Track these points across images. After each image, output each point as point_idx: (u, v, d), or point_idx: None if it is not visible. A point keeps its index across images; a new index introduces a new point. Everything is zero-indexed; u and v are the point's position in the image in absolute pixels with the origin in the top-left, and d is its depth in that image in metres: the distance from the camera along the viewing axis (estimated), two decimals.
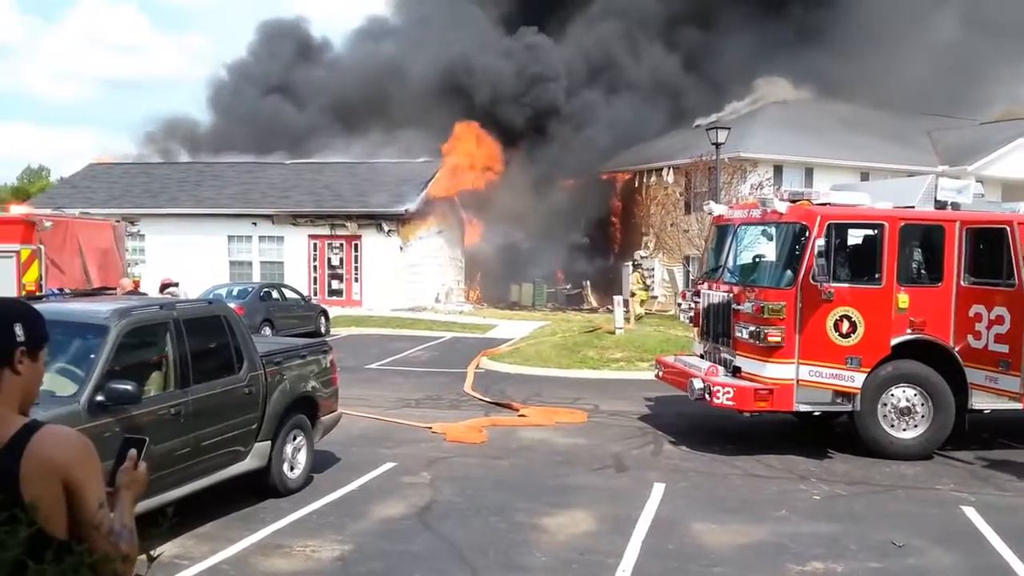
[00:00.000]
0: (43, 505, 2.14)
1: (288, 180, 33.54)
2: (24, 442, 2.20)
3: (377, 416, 12.45)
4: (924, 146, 36.41)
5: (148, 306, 7.60)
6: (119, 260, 16.82)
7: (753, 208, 11.24)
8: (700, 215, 27.38)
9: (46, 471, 2.17)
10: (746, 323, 10.36)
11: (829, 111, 38.46)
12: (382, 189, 31.77)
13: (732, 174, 29.99)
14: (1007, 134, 34.56)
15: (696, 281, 13.47)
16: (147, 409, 6.80)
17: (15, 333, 2.27)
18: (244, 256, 31.39)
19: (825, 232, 9.99)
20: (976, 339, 10.13)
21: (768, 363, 10.14)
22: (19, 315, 2.32)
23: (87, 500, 2.21)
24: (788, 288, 10.09)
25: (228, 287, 23.50)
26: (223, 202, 32.05)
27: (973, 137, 36.07)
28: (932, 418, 10.21)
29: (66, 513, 2.21)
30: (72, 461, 2.22)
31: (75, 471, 2.21)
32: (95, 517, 2.22)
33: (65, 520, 2.21)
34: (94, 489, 2.24)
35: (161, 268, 27.90)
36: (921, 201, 10.89)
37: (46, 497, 2.16)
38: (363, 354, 19.75)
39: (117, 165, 37.72)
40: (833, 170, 31.49)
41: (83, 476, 2.22)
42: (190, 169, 36.20)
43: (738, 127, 30.71)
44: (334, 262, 31.07)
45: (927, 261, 10.69)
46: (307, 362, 9.17)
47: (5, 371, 2.26)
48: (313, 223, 30.96)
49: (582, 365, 17.67)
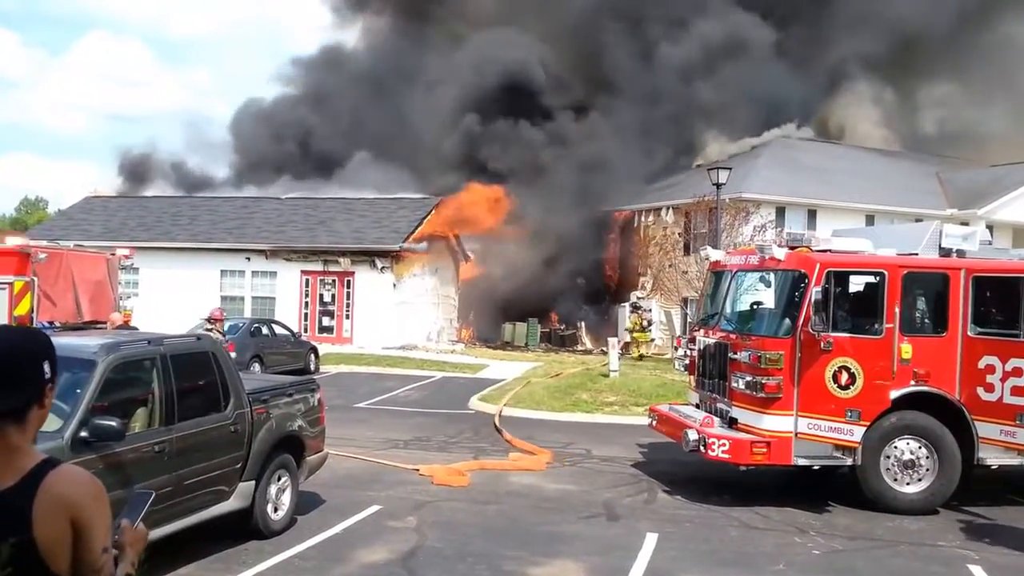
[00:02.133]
0: (51, 542, 2.25)
1: (283, 215, 33.77)
2: (40, 478, 2.30)
3: (364, 457, 12.45)
4: (932, 188, 36.50)
5: (136, 341, 7.66)
6: (111, 293, 16.89)
7: (751, 254, 11.33)
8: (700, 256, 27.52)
9: (58, 508, 2.27)
10: (743, 373, 10.39)
11: (833, 151, 38.76)
12: (378, 225, 31.97)
13: (734, 215, 30.17)
14: (1018, 176, 34.58)
15: (692, 328, 13.53)
16: (131, 446, 6.83)
17: (44, 371, 2.38)
18: (236, 291, 31.49)
19: (824, 280, 10.06)
20: (988, 391, 10.12)
21: (765, 415, 10.15)
22: (46, 351, 2.41)
23: (93, 542, 2.30)
24: (786, 337, 10.13)
25: None
26: (217, 236, 32.27)
27: (983, 179, 36.12)
28: (937, 472, 10.17)
29: (70, 553, 2.29)
30: (84, 502, 2.31)
31: (86, 512, 2.30)
32: (98, 561, 2.31)
33: (69, 559, 2.29)
34: (101, 532, 2.33)
35: (154, 302, 28.05)
36: (925, 248, 10.94)
37: (55, 534, 2.26)
38: (352, 393, 19.76)
39: (114, 198, 38.05)
40: (838, 212, 31.61)
41: (93, 518, 2.31)
42: (185, 203, 36.48)
43: (740, 167, 30.97)
44: (326, 298, 31.15)
45: (931, 310, 10.76)
46: (294, 400, 9.21)
47: (34, 407, 2.36)
48: (306, 259, 31.12)
49: (575, 408, 17.67)
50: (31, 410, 2.35)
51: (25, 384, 2.34)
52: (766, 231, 28.37)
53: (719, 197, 24.52)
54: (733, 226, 29.79)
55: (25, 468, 2.31)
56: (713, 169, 23.90)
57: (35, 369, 2.36)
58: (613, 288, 38.06)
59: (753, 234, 28.16)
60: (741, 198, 30.70)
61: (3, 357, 2.34)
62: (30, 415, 2.36)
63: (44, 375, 2.37)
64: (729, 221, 29.41)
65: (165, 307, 27.28)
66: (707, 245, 15.59)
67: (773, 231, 28.29)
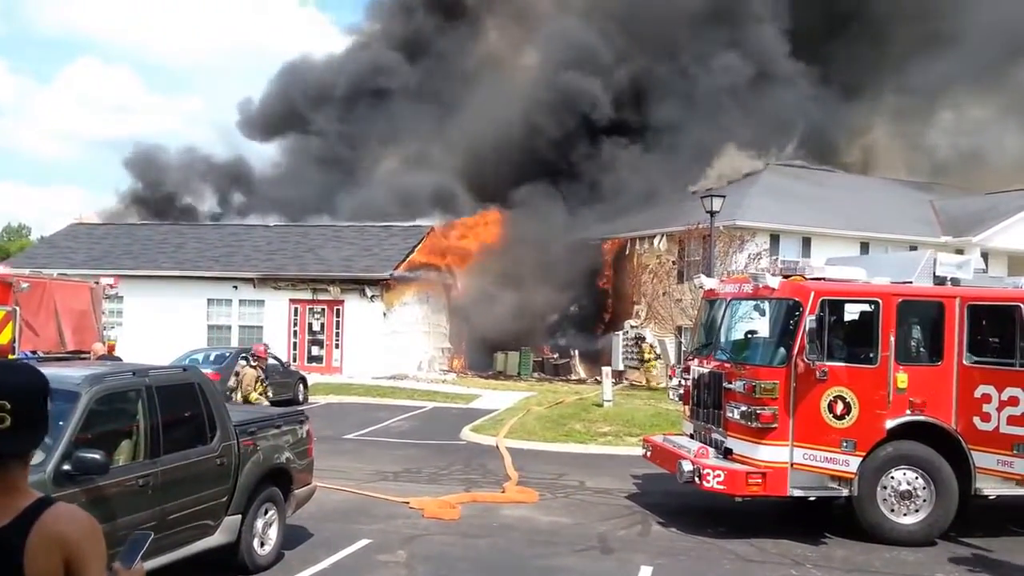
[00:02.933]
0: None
1: (272, 243, 33.79)
2: (36, 515, 2.30)
3: (353, 489, 12.38)
4: (927, 216, 36.75)
5: (121, 372, 7.64)
6: (95, 323, 16.84)
7: (745, 283, 11.39)
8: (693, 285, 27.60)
9: (52, 546, 2.27)
10: (737, 403, 10.40)
11: (827, 178, 39.05)
12: (367, 253, 32.01)
13: (728, 243, 30.28)
14: (1013, 204, 34.82)
15: (686, 357, 13.55)
16: (114, 480, 6.78)
17: (47, 407, 2.40)
18: (223, 320, 31.41)
19: (819, 308, 10.10)
20: (984, 421, 10.14)
21: (761, 445, 10.15)
22: (46, 388, 2.42)
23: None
24: (781, 366, 10.15)
25: (205, 352, 23.51)
26: (204, 264, 32.23)
27: (978, 207, 36.39)
28: (935, 502, 10.16)
29: None
30: (78, 540, 2.31)
31: (80, 550, 2.31)
32: None
33: None
34: (95, 571, 2.34)
35: (138, 331, 27.99)
36: (919, 276, 11.02)
37: (47, 572, 2.27)
38: (341, 423, 19.68)
39: (99, 225, 37.99)
40: (832, 240, 31.76)
41: (87, 556, 2.31)
42: (172, 231, 36.45)
43: (734, 194, 31.11)
44: (315, 327, 31.09)
45: (926, 339, 10.80)
46: (282, 432, 9.17)
47: None
48: (295, 287, 31.09)
49: (568, 439, 17.63)
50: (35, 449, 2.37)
51: (42, 424, 2.35)
52: (760, 259, 28.49)
53: (712, 225, 24.62)
54: (727, 254, 29.89)
55: (20, 506, 2.31)
56: (707, 196, 23.99)
57: (46, 409, 2.38)
58: (607, 317, 38.09)
59: (747, 262, 28.27)
60: (735, 226, 30.83)
61: (26, 396, 2.32)
62: (30, 455, 2.37)
63: (47, 413, 2.39)
64: (723, 249, 29.52)
65: (150, 337, 27.24)
66: (701, 273, 15.64)
67: (767, 259, 28.43)
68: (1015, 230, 33.96)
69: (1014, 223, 33.99)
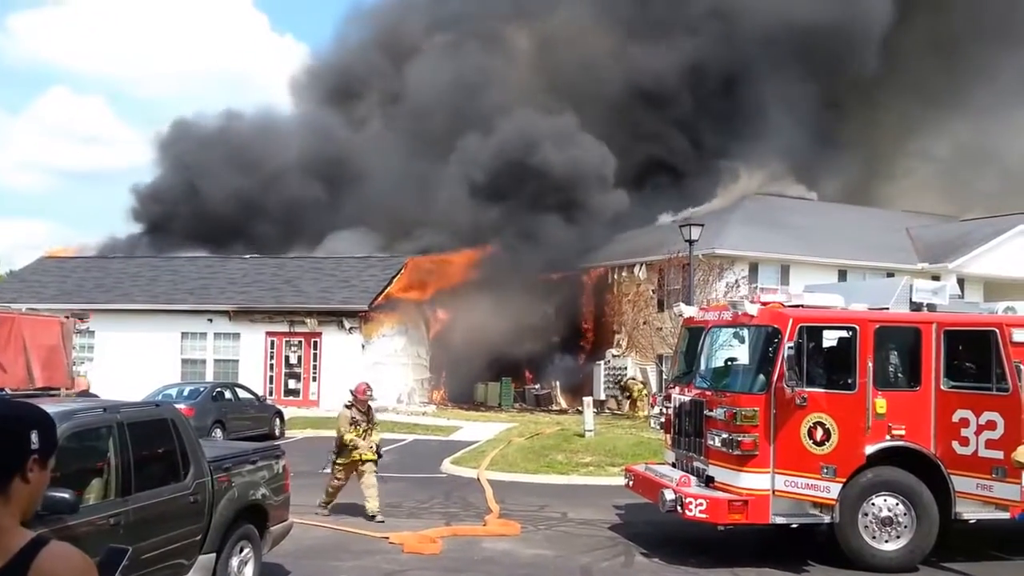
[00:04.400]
0: None
1: (248, 275, 33.63)
2: (31, 557, 2.26)
3: (331, 525, 12.26)
4: (903, 243, 37.30)
5: (91, 409, 7.55)
6: (65, 358, 16.66)
7: (724, 310, 11.47)
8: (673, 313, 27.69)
9: None
10: (718, 430, 10.44)
11: (805, 207, 39.52)
12: (345, 285, 31.93)
13: (708, 271, 30.49)
14: (987, 231, 35.52)
15: (667, 385, 13.59)
16: (85, 519, 6.68)
17: (31, 440, 2.34)
18: (198, 354, 31.17)
19: (797, 335, 10.18)
20: (963, 445, 10.22)
21: (742, 472, 10.17)
22: (36, 422, 2.38)
23: None
24: (761, 393, 10.20)
25: (179, 387, 23.31)
26: (178, 297, 32.03)
27: (953, 234, 37.03)
28: (915, 528, 10.20)
29: None
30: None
31: None
32: None
33: None
34: None
35: (110, 366, 27.71)
36: (896, 302, 11.16)
37: None
38: (319, 458, 19.35)
39: (70, 259, 37.70)
40: (810, 268, 32.10)
41: None
42: (146, 264, 36.23)
43: (713, 223, 31.41)
44: (292, 360, 30.91)
45: (904, 364, 10.89)
46: (258, 468, 9.08)
47: (16, 479, 2.32)
48: (271, 319, 30.93)
49: (549, 470, 17.58)
50: (12, 484, 2.31)
51: (5, 452, 2.30)
52: (739, 287, 28.70)
53: (691, 253, 24.80)
54: (707, 282, 30.11)
55: (14, 548, 2.27)
56: (685, 225, 24.17)
57: (12, 441, 2.32)
58: (588, 346, 38.17)
59: (726, 290, 28.47)
60: (714, 254, 31.09)
61: None
62: (12, 490, 2.31)
63: (31, 445, 2.33)
64: (703, 277, 29.73)
65: (123, 372, 26.97)
66: (680, 302, 15.73)
67: (746, 287, 28.64)
68: (990, 256, 34.53)
69: (988, 250, 34.60)
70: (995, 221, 36.46)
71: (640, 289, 34.17)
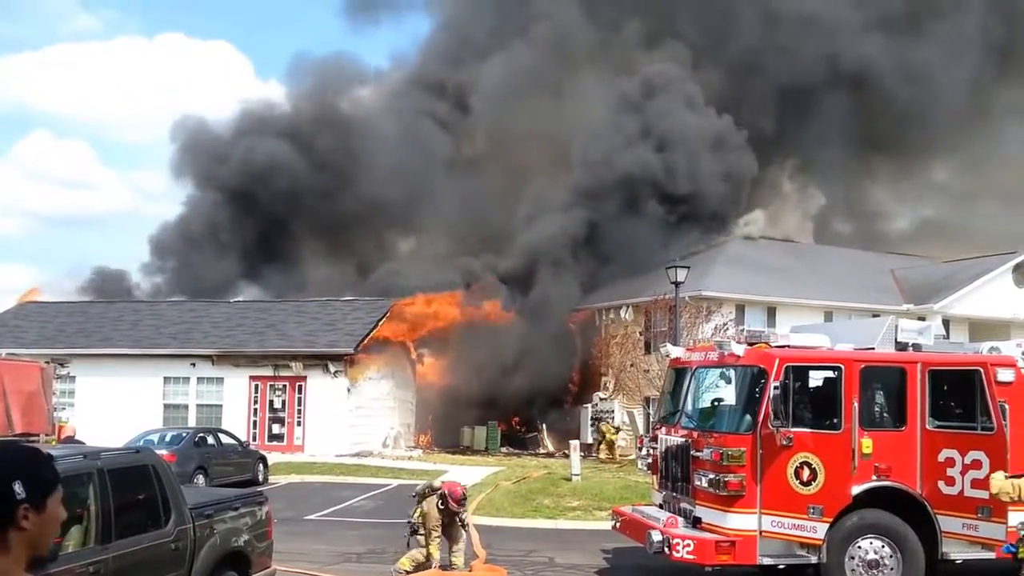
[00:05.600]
0: None
1: (232, 319, 33.51)
2: None
3: (315, 572, 12.14)
4: (888, 285, 37.59)
5: (71, 455, 7.52)
6: (45, 404, 16.55)
7: (710, 351, 11.53)
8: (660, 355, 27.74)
9: None
10: (705, 470, 10.45)
11: (790, 249, 39.82)
12: (331, 328, 31.84)
13: (694, 313, 30.60)
14: (971, 272, 35.82)
15: (654, 426, 13.60)
16: (64, 567, 6.63)
17: (14, 492, 2.33)
18: (180, 399, 30.95)
19: (783, 375, 10.24)
20: (949, 485, 10.25)
21: (729, 513, 10.17)
22: (18, 470, 2.36)
23: None
24: (747, 433, 10.24)
25: (161, 432, 23.12)
26: (161, 342, 31.86)
27: (937, 275, 37.36)
28: (902, 570, 10.20)
29: None
30: None
31: None
32: None
33: None
34: None
35: (91, 412, 27.50)
36: (881, 342, 11.26)
37: None
38: (303, 504, 19.35)
39: (51, 304, 37.52)
40: (797, 309, 32.25)
41: None
42: (127, 308, 36.08)
43: (699, 265, 31.59)
44: (276, 405, 30.70)
45: (890, 404, 10.96)
46: (240, 514, 9.03)
47: (10, 531, 2.32)
48: (255, 364, 30.77)
49: (536, 514, 17.49)
50: (7, 536, 2.31)
51: None
52: (727, 329, 28.78)
53: (677, 295, 24.93)
54: (694, 324, 30.20)
55: None
56: (671, 267, 24.30)
57: (1, 488, 2.32)
58: (575, 389, 38.09)
59: (714, 332, 28.54)
60: (701, 296, 31.23)
61: None
62: (9, 540, 2.32)
63: (14, 496, 2.32)
64: (689, 319, 29.82)
65: (104, 417, 26.75)
66: (667, 342, 15.80)
67: (734, 329, 28.74)
68: (975, 297, 34.82)
69: (973, 290, 34.89)
70: (979, 262, 36.81)
71: (627, 331, 34.21)
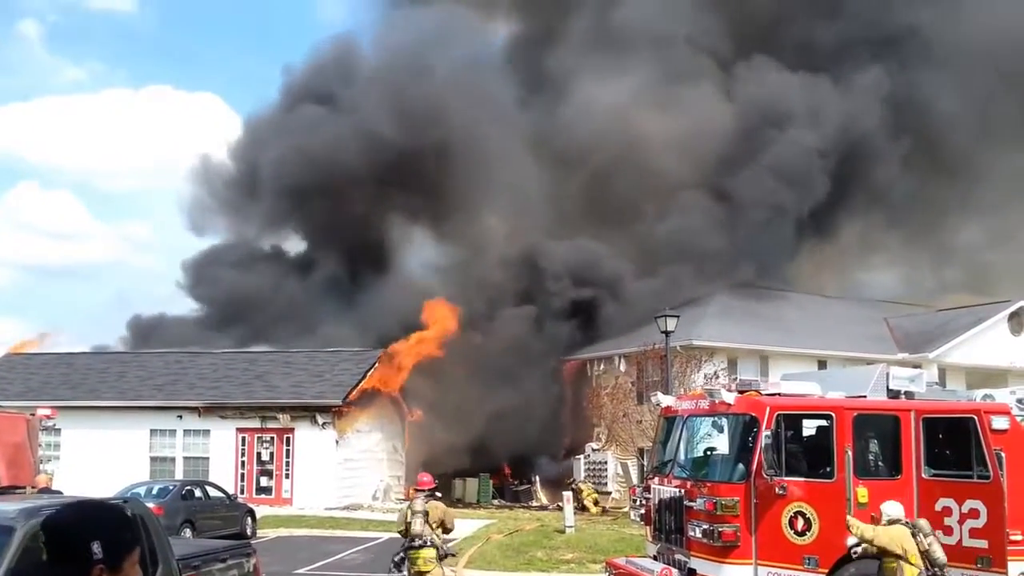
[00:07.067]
0: None
1: (219, 370, 33.37)
2: None
3: None
4: (882, 334, 37.70)
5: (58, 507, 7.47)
6: (31, 456, 16.43)
7: (701, 399, 11.55)
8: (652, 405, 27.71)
9: None
10: (699, 521, 10.41)
11: (783, 298, 39.94)
12: (319, 379, 31.72)
13: (686, 363, 30.64)
14: (965, 320, 36.02)
15: (647, 476, 13.56)
16: None
17: (92, 552, 2.38)
18: (167, 451, 30.70)
19: (775, 424, 10.26)
20: (947, 535, 10.19)
21: (724, 564, 10.12)
22: (98, 530, 2.43)
23: None
24: (741, 482, 10.23)
25: (147, 485, 22.95)
26: (147, 394, 31.70)
27: (931, 324, 37.51)
28: None
29: None
30: None
31: None
32: None
33: None
34: None
35: (77, 464, 27.26)
36: (873, 390, 11.28)
37: None
38: (292, 558, 19.13)
39: (36, 355, 37.36)
40: (789, 358, 32.30)
41: None
42: (114, 360, 35.93)
43: (690, 315, 31.69)
44: (264, 457, 30.47)
45: (884, 453, 10.97)
46: (228, 567, 8.96)
47: None
48: (243, 415, 30.60)
49: (529, 567, 17.32)
50: None
51: (68, 561, 2.38)
52: (718, 378, 28.81)
53: (668, 344, 24.98)
54: (685, 373, 30.22)
55: None
56: (661, 317, 24.40)
57: (71, 554, 2.39)
58: (567, 440, 37.93)
59: (705, 381, 28.55)
60: (692, 346, 31.29)
61: (51, 532, 2.42)
62: None
63: (91, 555, 2.37)
64: (681, 369, 29.86)
65: (89, 470, 26.52)
66: (659, 391, 15.84)
67: (726, 378, 28.77)
68: (970, 346, 34.96)
69: (969, 339, 35.05)
70: (975, 310, 37.01)
71: (619, 382, 34.20)
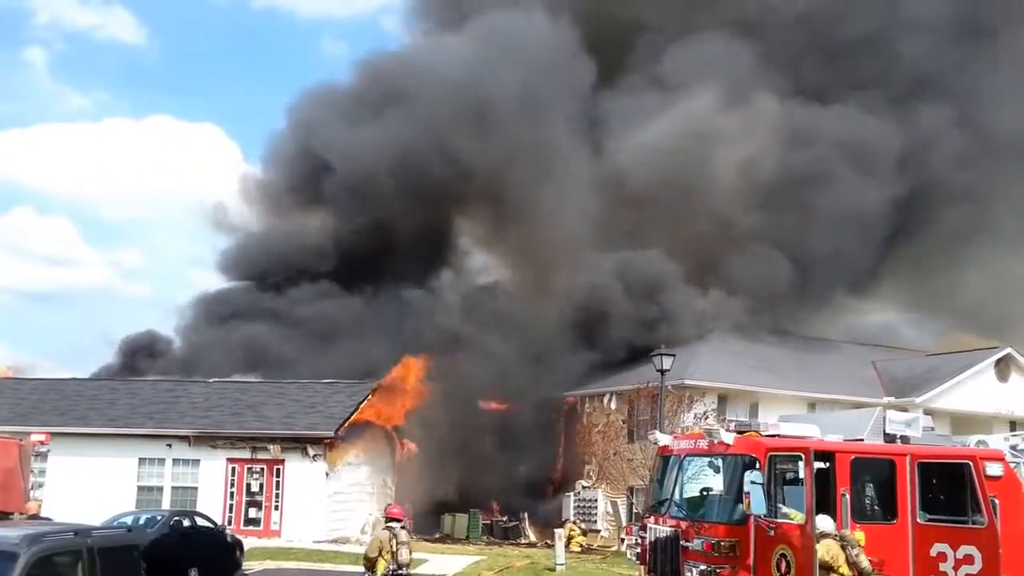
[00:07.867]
0: None
1: (210, 399, 33.17)
2: None
3: None
4: (870, 377, 37.83)
5: (61, 532, 7.47)
6: (21, 482, 16.29)
7: (699, 439, 11.58)
8: (644, 444, 27.72)
9: None
10: (696, 562, 10.40)
11: (773, 340, 40.10)
12: (311, 410, 31.58)
13: (677, 402, 30.67)
14: (954, 366, 36.10)
15: (643, 515, 13.54)
16: None
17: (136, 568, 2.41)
18: (155, 481, 30.39)
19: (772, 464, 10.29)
20: None
21: None
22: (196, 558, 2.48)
23: None
24: (740, 524, 10.22)
25: (135, 514, 22.69)
26: (136, 421, 31.44)
27: (919, 368, 37.62)
28: None
29: None
30: None
31: None
32: None
33: None
34: None
35: (62, 492, 26.98)
36: (870, 434, 11.36)
37: None
38: None
39: (26, 380, 37.12)
40: (779, 400, 32.37)
41: None
42: (104, 386, 35.69)
43: (683, 354, 31.74)
44: (253, 488, 30.24)
45: (880, 497, 11.00)
46: None
47: None
48: (233, 445, 30.38)
49: None
50: None
51: None
52: (707, 418, 28.85)
53: (663, 383, 25.04)
54: (675, 412, 30.26)
55: None
56: (656, 355, 24.48)
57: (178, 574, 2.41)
58: (557, 478, 37.79)
59: (695, 421, 28.60)
60: (684, 385, 31.34)
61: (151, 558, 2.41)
62: None
63: None
64: (671, 408, 29.90)
65: (74, 498, 26.23)
66: (655, 430, 15.85)
67: (715, 418, 28.81)
68: (957, 391, 35.06)
69: (956, 385, 35.14)
70: (962, 356, 37.11)
71: (610, 419, 34.18)
